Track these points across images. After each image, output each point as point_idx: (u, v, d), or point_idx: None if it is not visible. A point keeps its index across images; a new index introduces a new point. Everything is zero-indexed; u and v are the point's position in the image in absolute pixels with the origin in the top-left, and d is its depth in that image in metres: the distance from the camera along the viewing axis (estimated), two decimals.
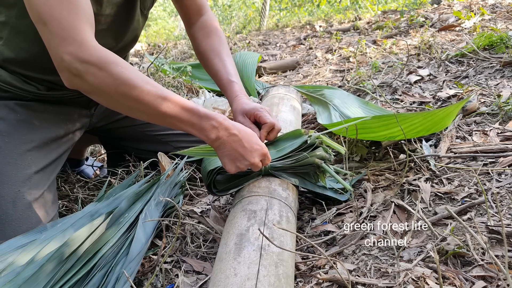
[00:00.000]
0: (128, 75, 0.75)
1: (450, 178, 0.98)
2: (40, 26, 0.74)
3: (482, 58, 1.71)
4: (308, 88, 1.63)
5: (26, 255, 0.75)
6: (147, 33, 8.41)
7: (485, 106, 1.30)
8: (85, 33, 0.74)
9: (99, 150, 1.78)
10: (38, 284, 0.70)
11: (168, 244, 0.92)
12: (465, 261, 0.72)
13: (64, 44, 0.73)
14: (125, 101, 0.77)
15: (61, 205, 1.13)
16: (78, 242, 0.79)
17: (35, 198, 0.89)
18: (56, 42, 0.73)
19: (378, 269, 0.74)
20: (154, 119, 0.83)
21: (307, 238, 0.82)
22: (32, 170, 0.92)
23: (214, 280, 0.63)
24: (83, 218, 0.88)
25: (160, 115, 0.79)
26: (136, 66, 2.46)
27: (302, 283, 0.74)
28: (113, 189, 1.05)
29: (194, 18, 1.13)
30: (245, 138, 0.82)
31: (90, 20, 0.77)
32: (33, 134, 0.97)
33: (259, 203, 0.79)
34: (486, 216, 0.80)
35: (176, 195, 1.08)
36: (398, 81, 1.72)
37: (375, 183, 1.03)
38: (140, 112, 0.80)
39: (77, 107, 1.10)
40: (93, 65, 0.74)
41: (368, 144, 1.20)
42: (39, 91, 1.00)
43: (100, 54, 0.75)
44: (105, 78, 0.74)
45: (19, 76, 0.98)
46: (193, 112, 0.80)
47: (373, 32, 3.21)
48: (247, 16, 7.36)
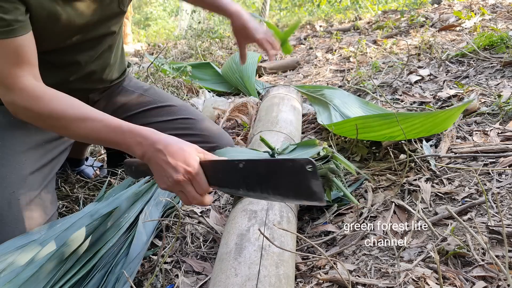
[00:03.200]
0: (50, 108, 0.82)
1: (451, 178, 0.97)
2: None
3: (483, 58, 1.70)
4: (308, 88, 1.63)
5: (26, 255, 0.75)
6: (147, 33, 8.41)
7: (486, 106, 1.30)
8: (15, 77, 0.81)
9: (99, 150, 1.78)
10: (38, 284, 0.70)
11: (168, 244, 0.92)
12: (465, 261, 0.72)
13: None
14: (56, 130, 0.87)
15: (61, 205, 1.13)
16: (78, 242, 0.79)
17: (31, 199, 0.89)
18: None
19: (379, 269, 0.74)
20: (85, 141, 0.91)
21: (307, 239, 0.82)
22: (27, 171, 0.92)
23: (215, 280, 0.63)
24: (83, 218, 0.87)
25: (88, 138, 0.84)
26: (136, 66, 2.45)
27: (303, 283, 0.74)
28: (113, 189, 1.05)
29: None
30: (171, 153, 0.75)
31: (26, 61, 0.82)
32: (27, 136, 0.97)
33: (259, 203, 0.79)
34: (487, 216, 0.80)
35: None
36: (398, 81, 1.72)
37: (376, 183, 1.03)
38: (72, 136, 0.91)
39: None
40: (20, 107, 0.82)
41: (368, 144, 1.20)
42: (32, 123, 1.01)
43: (25, 94, 0.81)
44: (31, 116, 0.84)
45: None
46: (116, 131, 0.80)
47: (374, 32, 3.21)
48: None
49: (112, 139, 0.81)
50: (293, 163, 0.63)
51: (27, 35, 0.81)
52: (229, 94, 2.25)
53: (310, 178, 0.61)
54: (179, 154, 0.75)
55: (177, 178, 0.74)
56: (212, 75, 2.40)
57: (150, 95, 1.26)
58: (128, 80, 1.28)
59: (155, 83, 2.08)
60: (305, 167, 0.61)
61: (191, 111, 1.27)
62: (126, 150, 0.81)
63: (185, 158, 0.75)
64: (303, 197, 0.65)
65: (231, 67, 2.20)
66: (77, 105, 0.83)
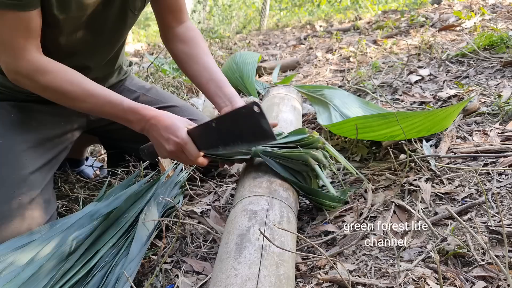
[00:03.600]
0: (55, 83, 0.87)
1: (451, 178, 0.97)
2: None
3: (483, 58, 1.70)
4: (309, 88, 1.63)
5: (26, 255, 0.75)
6: (147, 33, 8.40)
7: (486, 106, 1.30)
8: (22, 47, 0.84)
9: (99, 150, 1.78)
10: (38, 284, 0.70)
11: (168, 245, 0.92)
12: (465, 261, 0.72)
13: (3, 55, 0.86)
14: (60, 102, 0.92)
15: (61, 205, 1.13)
16: (78, 242, 0.79)
17: (32, 198, 0.89)
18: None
19: (379, 270, 0.74)
20: (88, 113, 0.96)
21: (308, 239, 0.82)
22: (27, 171, 0.92)
23: (215, 280, 0.63)
24: (83, 218, 0.88)
25: (91, 112, 0.94)
26: (136, 66, 2.45)
27: (303, 283, 0.74)
28: (113, 189, 1.05)
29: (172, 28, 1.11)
30: (161, 127, 0.87)
31: (32, 35, 0.85)
32: (27, 134, 0.97)
33: (260, 203, 0.79)
34: (487, 216, 0.80)
35: (176, 195, 1.08)
36: (398, 81, 1.72)
37: (376, 183, 1.03)
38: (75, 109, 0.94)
39: None
40: (23, 76, 0.86)
41: (368, 144, 1.20)
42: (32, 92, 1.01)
43: (31, 66, 0.85)
44: (35, 87, 0.89)
45: None
46: (118, 107, 0.90)
47: (374, 32, 3.21)
48: (247, 16, 7.37)
49: (114, 115, 0.91)
50: (245, 108, 0.75)
51: (36, 11, 0.84)
52: None
53: (259, 118, 0.72)
54: (170, 127, 0.86)
55: (170, 149, 0.87)
56: None
57: (151, 95, 1.27)
58: (130, 80, 1.28)
59: (155, 83, 2.08)
60: (253, 109, 0.71)
61: (192, 112, 1.28)
62: (126, 125, 0.92)
63: (175, 131, 0.86)
64: (260, 138, 0.76)
65: (231, 67, 2.20)
66: (82, 81, 0.89)
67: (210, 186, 1.18)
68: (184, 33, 1.10)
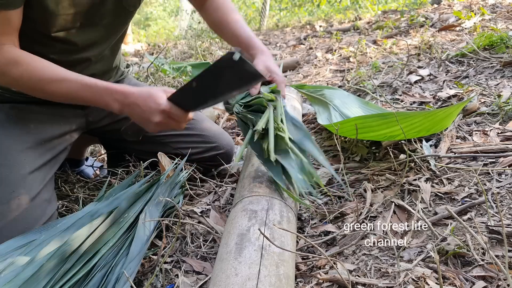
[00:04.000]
0: (28, 72, 0.86)
1: (450, 178, 0.98)
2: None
3: (482, 58, 1.70)
4: (308, 88, 1.63)
5: (26, 255, 0.75)
6: (147, 33, 8.41)
7: (485, 106, 1.30)
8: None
9: (99, 150, 1.78)
10: (38, 284, 0.70)
11: (168, 244, 0.92)
12: (465, 261, 0.72)
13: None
14: (36, 93, 0.91)
15: (61, 205, 1.13)
16: (78, 242, 0.79)
17: (31, 198, 0.89)
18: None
19: (378, 269, 0.74)
20: (65, 101, 0.92)
21: (307, 238, 0.82)
22: (26, 171, 0.92)
23: (215, 280, 0.63)
24: (83, 218, 0.88)
25: (66, 97, 0.90)
26: (136, 66, 2.45)
27: (302, 283, 0.74)
28: (113, 189, 1.05)
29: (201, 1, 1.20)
30: (141, 102, 0.87)
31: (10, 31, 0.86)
32: (26, 135, 0.97)
33: (260, 203, 0.79)
34: (486, 216, 0.80)
35: (176, 195, 1.08)
36: (398, 81, 1.72)
37: (375, 183, 1.03)
38: (50, 98, 0.92)
39: (70, 107, 1.10)
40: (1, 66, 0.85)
41: (368, 144, 1.20)
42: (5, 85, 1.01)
43: (3, 59, 0.84)
44: (9, 80, 0.88)
45: None
46: (93, 90, 0.88)
47: (373, 32, 3.21)
48: (247, 16, 7.36)
49: (90, 98, 0.89)
50: (223, 61, 0.73)
51: (18, 10, 0.84)
52: None
53: (242, 65, 0.71)
54: (150, 99, 0.86)
55: (157, 120, 0.86)
56: None
57: None
58: (127, 81, 1.28)
59: (155, 83, 2.08)
60: (232, 59, 0.70)
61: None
62: (104, 107, 0.90)
63: (155, 100, 0.85)
64: (248, 81, 0.78)
65: None
66: (55, 68, 0.88)
67: (210, 186, 1.18)
68: (210, 5, 1.19)
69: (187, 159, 1.15)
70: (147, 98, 0.87)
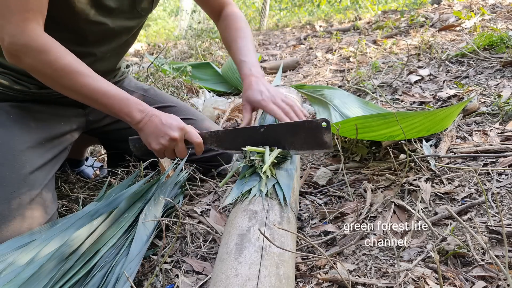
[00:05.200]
0: (63, 65, 0.86)
1: (450, 178, 0.98)
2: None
3: (482, 58, 1.70)
4: (308, 88, 1.63)
5: (26, 255, 0.75)
6: (147, 33, 8.41)
7: (485, 106, 1.30)
8: (31, 20, 0.83)
9: (99, 150, 1.78)
10: (38, 284, 0.70)
11: (168, 244, 0.92)
12: (465, 261, 0.72)
13: (8, 27, 0.82)
14: (58, 86, 0.90)
15: (61, 205, 1.13)
16: (78, 242, 0.79)
17: (32, 198, 0.89)
18: (1, 23, 0.82)
19: (378, 269, 0.74)
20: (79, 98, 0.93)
21: (307, 238, 0.82)
22: (27, 170, 0.91)
23: (215, 280, 0.63)
24: (83, 218, 0.88)
25: (84, 96, 0.91)
26: (136, 66, 2.45)
27: (302, 283, 0.74)
28: (113, 189, 1.05)
29: (217, 13, 1.23)
30: (163, 117, 0.94)
31: (40, 10, 0.85)
32: (27, 134, 0.97)
33: (260, 203, 0.79)
34: (486, 216, 0.80)
35: (176, 195, 1.08)
36: (398, 81, 1.72)
37: (375, 183, 1.03)
38: (65, 93, 0.92)
39: (71, 106, 1.10)
40: (32, 49, 0.84)
41: (368, 144, 1.20)
42: (30, 90, 1.02)
43: (41, 41, 0.84)
44: (42, 63, 0.85)
45: (9, 76, 1.00)
46: (121, 93, 0.93)
47: (373, 32, 3.21)
48: (247, 16, 7.36)
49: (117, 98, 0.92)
50: (311, 123, 0.86)
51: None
52: (229, 94, 2.25)
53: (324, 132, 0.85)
54: (171, 117, 0.95)
55: (173, 135, 0.92)
56: (212, 75, 2.40)
57: (150, 95, 1.27)
58: (127, 81, 1.29)
59: (155, 83, 2.08)
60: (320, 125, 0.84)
61: (191, 112, 1.28)
62: (125, 114, 0.93)
63: (176, 119, 0.95)
64: (318, 147, 0.89)
65: (231, 67, 2.20)
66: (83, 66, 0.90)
67: (210, 186, 1.18)
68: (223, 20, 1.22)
69: (187, 159, 1.15)
70: (168, 116, 0.96)
